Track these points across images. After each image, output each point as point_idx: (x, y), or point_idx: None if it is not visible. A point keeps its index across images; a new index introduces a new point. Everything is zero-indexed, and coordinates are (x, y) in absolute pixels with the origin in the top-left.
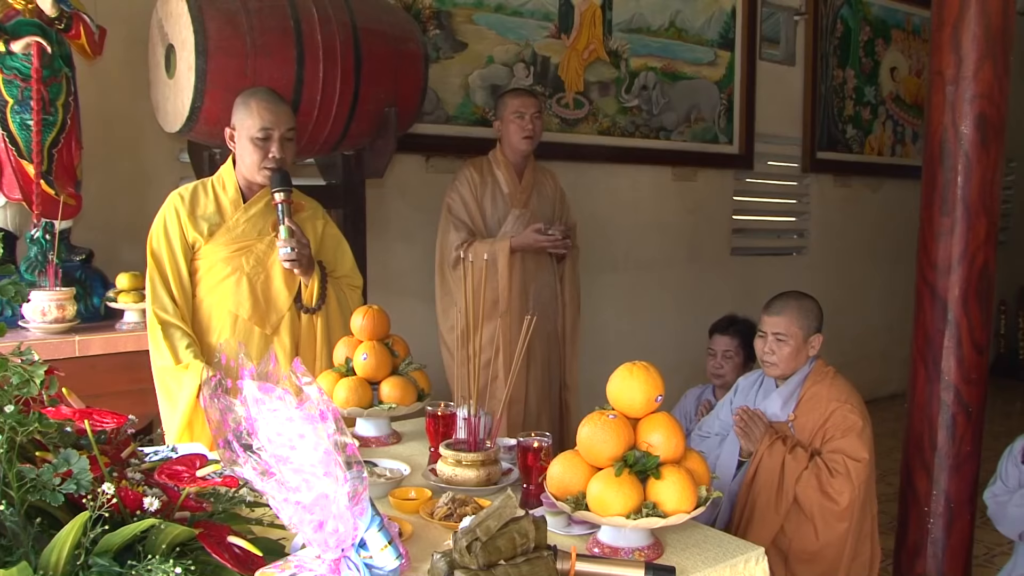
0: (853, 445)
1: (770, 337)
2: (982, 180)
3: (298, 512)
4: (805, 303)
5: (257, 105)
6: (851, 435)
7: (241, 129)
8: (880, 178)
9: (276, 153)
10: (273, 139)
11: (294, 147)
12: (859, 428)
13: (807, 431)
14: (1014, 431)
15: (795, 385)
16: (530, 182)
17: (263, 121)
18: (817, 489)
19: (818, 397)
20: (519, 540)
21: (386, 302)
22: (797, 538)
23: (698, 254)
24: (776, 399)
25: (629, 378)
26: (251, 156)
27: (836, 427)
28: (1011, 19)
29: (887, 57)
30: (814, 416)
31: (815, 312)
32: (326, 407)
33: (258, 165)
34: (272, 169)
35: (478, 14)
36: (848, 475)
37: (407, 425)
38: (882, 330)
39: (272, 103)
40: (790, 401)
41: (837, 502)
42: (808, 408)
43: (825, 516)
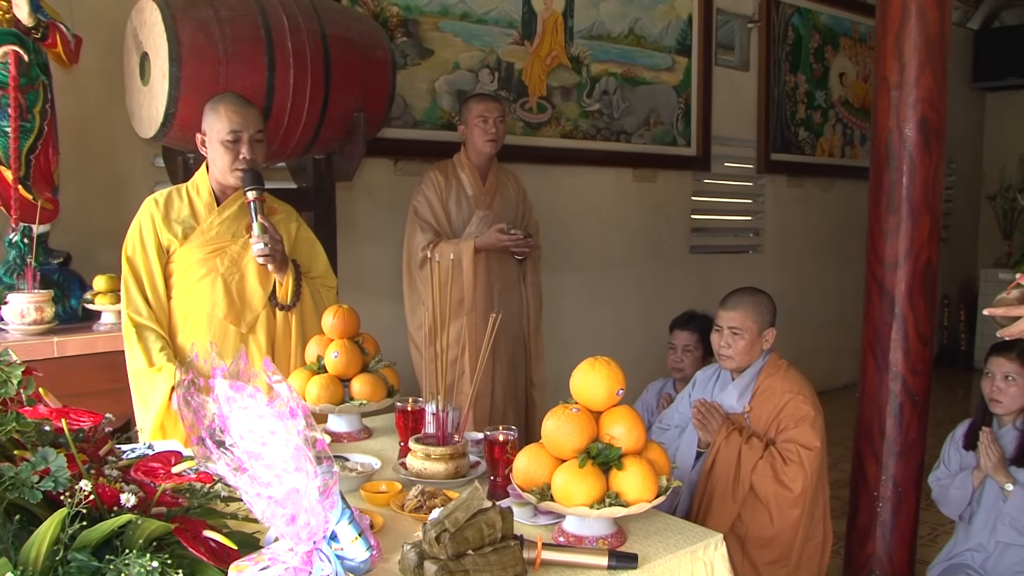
0: (806, 434)
1: (726, 331)
2: (925, 180)
3: (270, 506)
4: (759, 298)
5: (225, 109)
6: (804, 425)
7: (211, 133)
8: (831, 178)
9: (246, 154)
10: (243, 141)
11: (264, 148)
12: (811, 418)
13: (762, 422)
14: (956, 418)
15: (750, 378)
16: (494, 184)
17: (232, 124)
18: (772, 478)
19: (772, 389)
20: (487, 531)
21: (356, 301)
22: (753, 524)
23: (658, 253)
24: (732, 391)
25: (591, 373)
26: (222, 159)
27: (789, 417)
28: (947, 29)
29: (836, 63)
30: (768, 407)
31: (769, 307)
32: (296, 404)
33: (230, 167)
34: (243, 170)
35: (444, 22)
36: (801, 463)
37: (377, 421)
38: (834, 324)
39: (240, 106)
40: (746, 393)
41: (791, 489)
42: (763, 400)
43: (779, 503)
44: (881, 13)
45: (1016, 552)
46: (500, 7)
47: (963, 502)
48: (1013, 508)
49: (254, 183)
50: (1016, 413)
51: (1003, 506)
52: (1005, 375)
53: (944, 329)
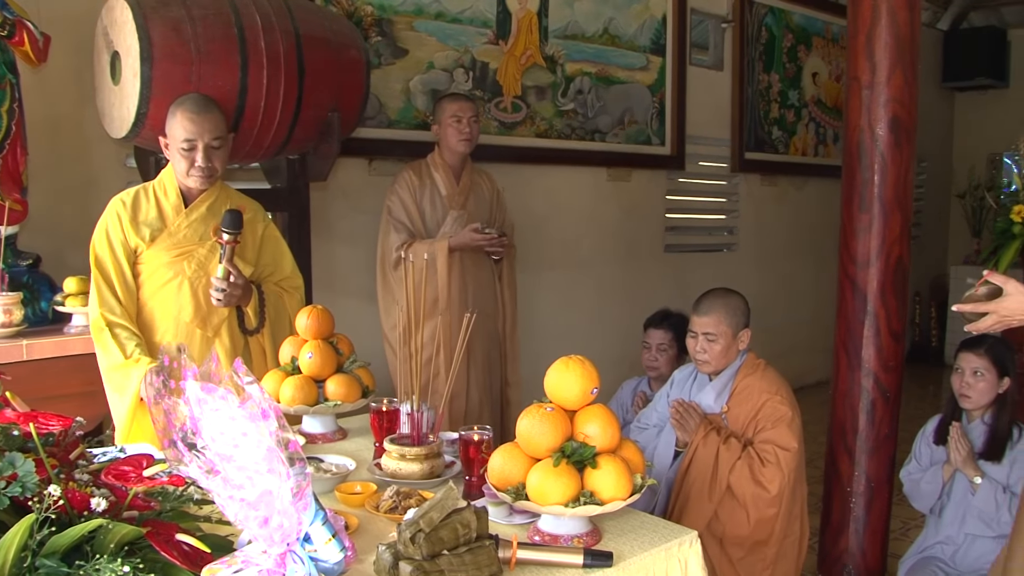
0: (783, 435)
1: (701, 337)
2: (896, 179)
3: (243, 509)
4: (731, 301)
5: (181, 116)
6: (781, 425)
7: (170, 139)
8: (804, 177)
9: (201, 163)
10: (197, 149)
11: (224, 154)
12: (788, 418)
13: (740, 422)
14: (927, 413)
15: (727, 378)
16: (467, 184)
17: (186, 132)
18: (749, 478)
19: (750, 389)
20: (461, 530)
21: (330, 302)
22: (730, 523)
23: (633, 251)
24: (710, 392)
25: (565, 371)
26: (180, 164)
27: (767, 418)
28: (917, 30)
29: (809, 63)
30: (746, 408)
31: (742, 308)
32: (268, 405)
33: (186, 173)
34: (203, 176)
35: (419, 21)
36: (778, 464)
37: (352, 421)
38: (808, 321)
39: (196, 113)
40: (723, 393)
41: (768, 490)
42: (740, 400)
43: (757, 503)
44: (852, 13)
45: (984, 543)
46: (475, 7)
47: (934, 496)
48: (981, 501)
49: (231, 226)
50: (984, 408)
51: (972, 499)
52: (974, 371)
53: (915, 326)
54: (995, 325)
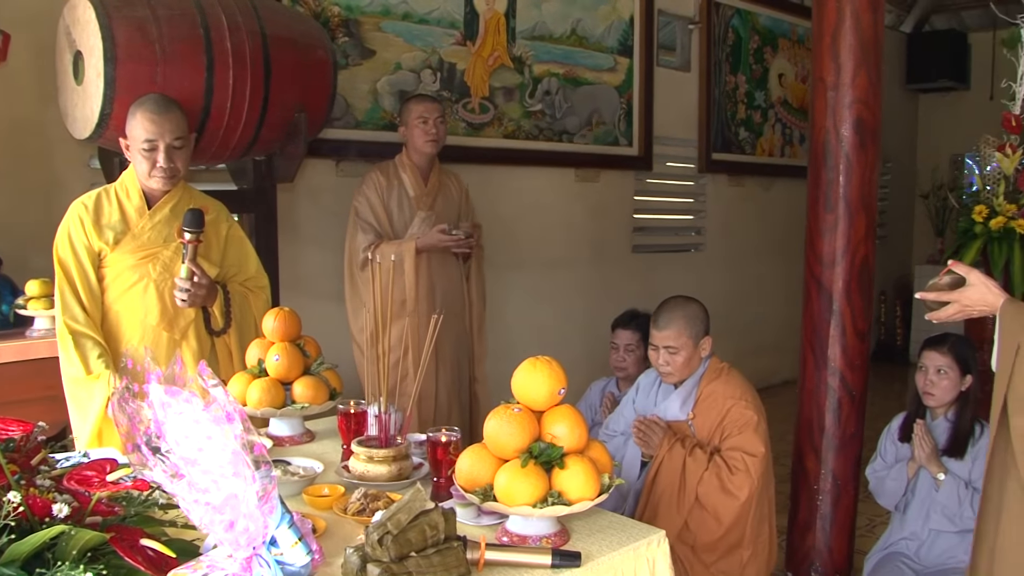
0: (750, 440)
1: (662, 350)
2: (861, 179)
3: (208, 513)
4: (690, 310)
5: (141, 116)
6: (747, 431)
7: (131, 140)
8: (771, 178)
9: (163, 163)
10: (159, 149)
11: (186, 154)
12: (754, 423)
13: (706, 428)
14: (893, 411)
15: (692, 385)
16: (435, 185)
17: (146, 132)
18: (718, 488)
19: (715, 395)
20: (429, 532)
21: (298, 304)
22: (701, 531)
23: (601, 252)
24: (675, 399)
25: (533, 372)
26: (141, 165)
27: (733, 424)
28: (881, 32)
29: (775, 64)
30: (712, 414)
31: (701, 316)
32: (232, 408)
33: (147, 174)
34: (165, 177)
35: (386, 22)
36: (747, 471)
37: (320, 424)
38: (775, 321)
39: (156, 113)
40: (688, 401)
41: (737, 497)
42: (706, 407)
43: (727, 510)
44: (817, 15)
45: (947, 539)
46: (442, 7)
47: (899, 493)
48: (945, 497)
49: (193, 225)
50: (948, 405)
51: (936, 495)
52: (937, 369)
53: (881, 325)
54: (956, 314)
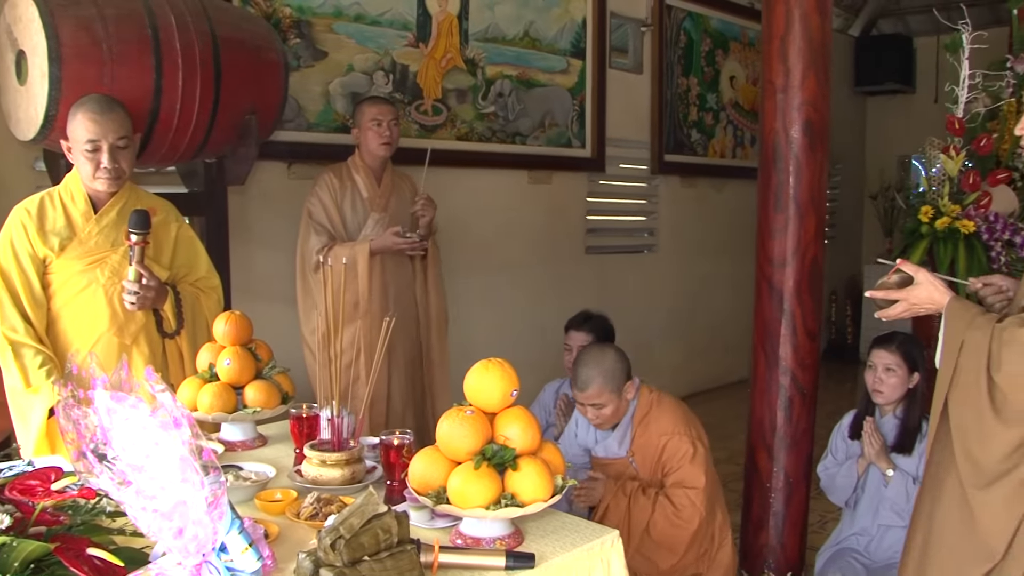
0: (690, 474)
1: (588, 407)
2: (810, 180)
3: (156, 520)
4: (606, 365)
5: (83, 116)
6: (685, 463)
7: (73, 142)
8: (723, 179)
9: (107, 164)
10: (102, 150)
11: (131, 154)
12: (691, 455)
13: (647, 465)
14: (844, 409)
15: (626, 424)
16: (388, 187)
17: (88, 132)
18: (668, 525)
19: (648, 432)
20: (382, 536)
21: (250, 307)
22: (658, 559)
23: (555, 254)
24: (613, 440)
25: (485, 374)
26: (84, 167)
27: (671, 458)
28: (829, 35)
29: (726, 67)
30: (649, 450)
31: (618, 366)
32: (180, 414)
33: (92, 176)
34: (110, 178)
35: (338, 23)
36: (692, 504)
37: (272, 428)
38: (728, 321)
39: (98, 113)
40: (625, 439)
41: (688, 529)
42: (642, 443)
43: (679, 541)
44: (766, 19)
45: (896, 533)
46: (394, 9)
47: (849, 489)
48: (893, 492)
49: (139, 226)
50: (896, 403)
51: (884, 491)
52: (886, 367)
53: (832, 324)
54: (904, 312)
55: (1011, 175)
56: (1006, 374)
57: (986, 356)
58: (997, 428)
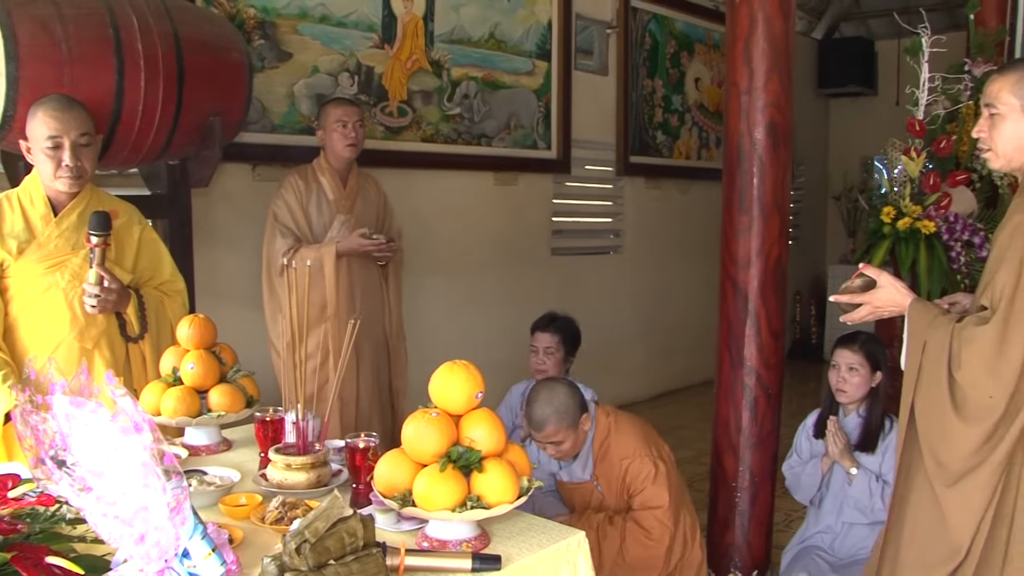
0: (654, 494)
1: (548, 445)
2: (774, 182)
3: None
4: (558, 403)
5: (43, 114)
6: (648, 484)
7: (33, 140)
8: (688, 180)
9: (69, 161)
10: (64, 147)
11: (93, 152)
12: (653, 475)
13: (612, 488)
14: (808, 409)
15: (587, 451)
16: (354, 188)
17: (49, 129)
18: (641, 549)
19: (609, 457)
20: (348, 539)
21: (214, 311)
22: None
23: (520, 255)
24: (577, 466)
25: (450, 376)
26: (45, 166)
27: (634, 480)
28: (792, 38)
29: (691, 69)
30: (612, 474)
31: (571, 402)
32: (141, 418)
33: (53, 174)
34: (72, 177)
35: (302, 24)
36: (661, 523)
37: (237, 432)
38: (693, 322)
39: (59, 110)
40: (587, 464)
41: (660, 548)
42: (605, 468)
43: (655, 558)
44: (730, 21)
45: (860, 531)
46: (360, 10)
47: (813, 488)
48: (857, 490)
49: (99, 228)
50: (859, 401)
51: (848, 489)
52: (849, 366)
53: (796, 324)
54: (868, 316)
55: (970, 176)
56: (966, 372)
57: (947, 355)
58: (959, 426)
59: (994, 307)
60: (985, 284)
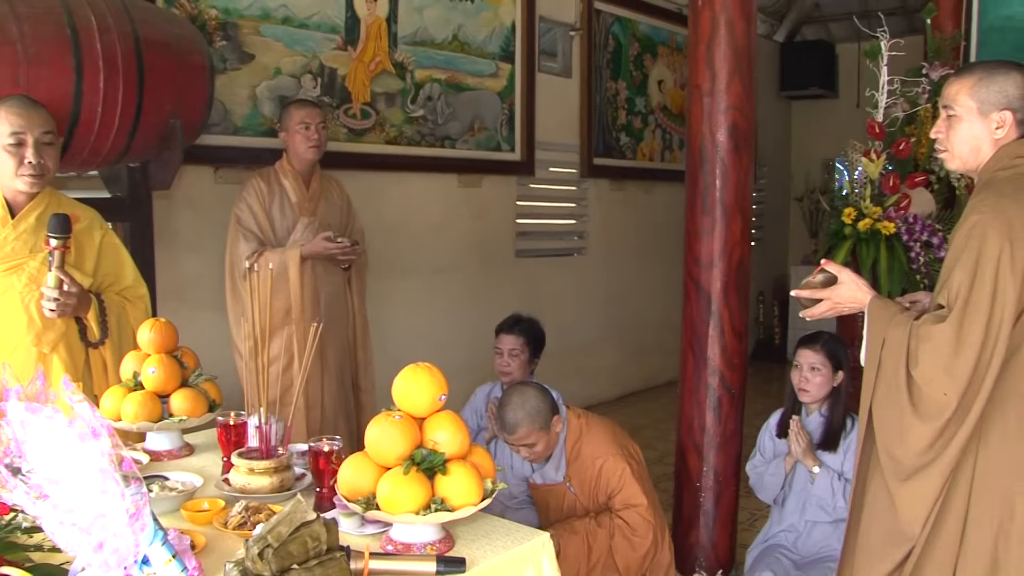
0: (632, 491)
1: (521, 447)
2: (736, 183)
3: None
4: (529, 406)
5: (5, 112)
6: (625, 481)
7: None
8: (651, 182)
9: (32, 159)
10: (27, 144)
11: (56, 151)
12: (628, 473)
13: (585, 488)
14: (772, 409)
15: (560, 452)
16: (317, 191)
17: (12, 126)
18: (628, 546)
19: (582, 457)
20: (311, 543)
21: (176, 314)
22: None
23: (485, 257)
24: (550, 468)
25: (413, 379)
26: (6, 164)
27: (610, 479)
28: (753, 41)
29: (655, 71)
30: (586, 474)
31: (542, 405)
32: (99, 424)
33: (15, 172)
34: (34, 175)
35: (265, 26)
36: (644, 519)
37: (199, 437)
38: (658, 323)
39: (22, 108)
40: (560, 465)
41: (645, 544)
42: (577, 469)
43: (639, 555)
44: (693, 24)
45: (822, 529)
46: (323, 12)
47: (777, 487)
48: (820, 489)
49: (58, 230)
50: (821, 401)
51: (811, 488)
52: (811, 366)
53: (759, 324)
54: (828, 311)
55: (928, 178)
56: (922, 369)
57: (905, 352)
58: (914, 422)
59: (950, 306)
60: (942, 283)
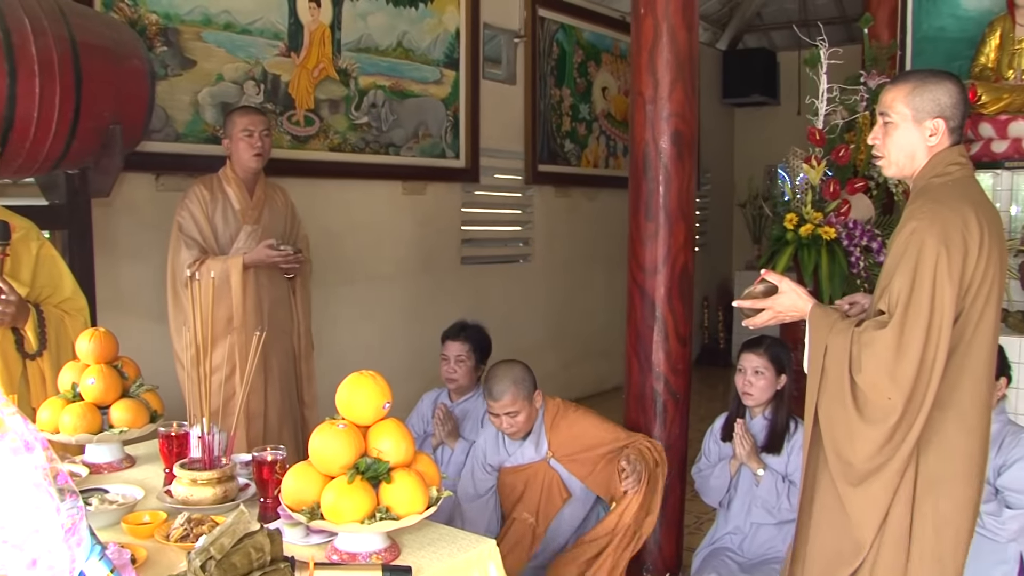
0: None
1: (503, 416)
2: (679, 189)
3: (7, 551)
4: (516, 375)
5: None
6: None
7: None
8: (596, 188)
9: None
10: None
11: None
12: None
13: (572, 452)
14: (717, 413)
15: (538, 429)
16: (261, 198)
17: None
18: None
19: (561, 432)
20: (255, 555)
21: (117, 324)
22: None
23: (430, 264)
24: (529, 446)
25: (357, 387)
26: None
27: (596, 433)
28: (695, 49)
29: (599, 78)
30: (568, 442)
31: (527, 376)
32: (32, 437)
33: None
34: None
35: (207, 31)
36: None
37: (141, 448)
38: (604, 328)
39: None
40: (540, 443)
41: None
42: (559, 441)
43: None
44: (635, 32)
45: (767, 530)
46: (265, 18)
47: (722, 490)
48: (764, 491)
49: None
50: (765, 404)
51: (756, 490)
52: (755, 369)
53: (704, 329)
54: (770, 320)
55: (867, 184)
56: (866, 375)
57: (848, 359)
58: (862, 427)
59: (891, 311)
60: (882, 289)
